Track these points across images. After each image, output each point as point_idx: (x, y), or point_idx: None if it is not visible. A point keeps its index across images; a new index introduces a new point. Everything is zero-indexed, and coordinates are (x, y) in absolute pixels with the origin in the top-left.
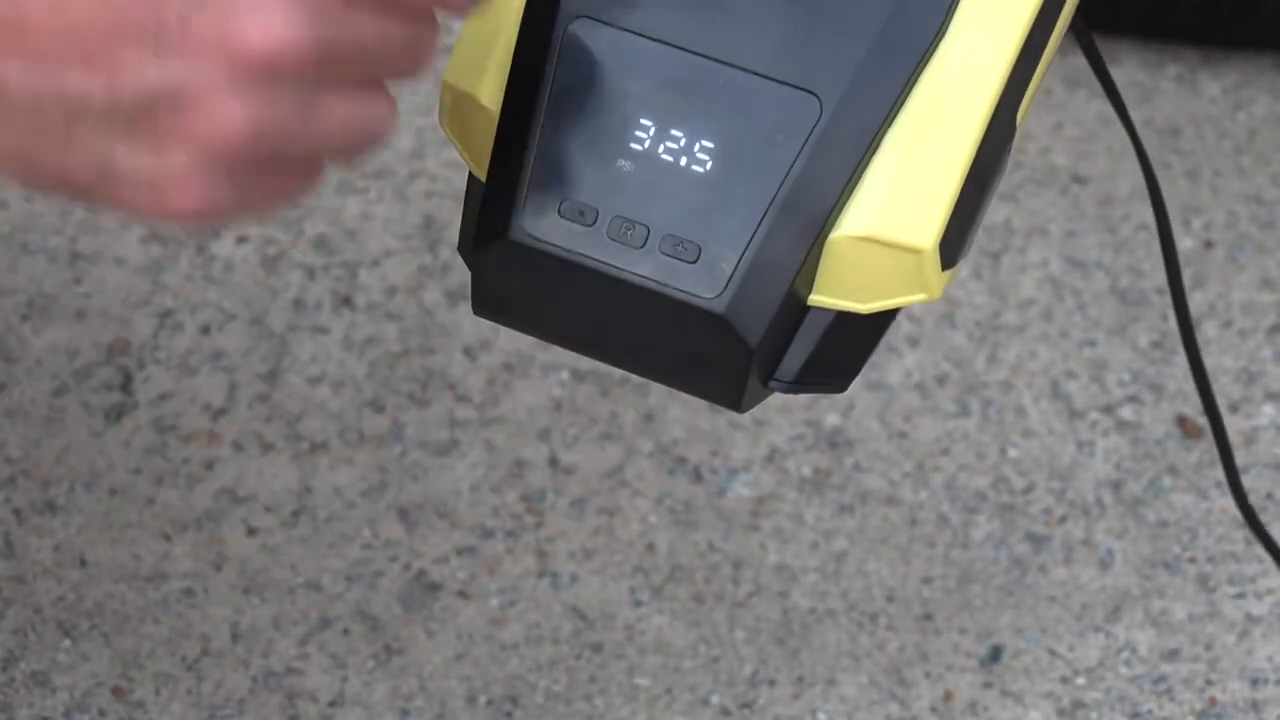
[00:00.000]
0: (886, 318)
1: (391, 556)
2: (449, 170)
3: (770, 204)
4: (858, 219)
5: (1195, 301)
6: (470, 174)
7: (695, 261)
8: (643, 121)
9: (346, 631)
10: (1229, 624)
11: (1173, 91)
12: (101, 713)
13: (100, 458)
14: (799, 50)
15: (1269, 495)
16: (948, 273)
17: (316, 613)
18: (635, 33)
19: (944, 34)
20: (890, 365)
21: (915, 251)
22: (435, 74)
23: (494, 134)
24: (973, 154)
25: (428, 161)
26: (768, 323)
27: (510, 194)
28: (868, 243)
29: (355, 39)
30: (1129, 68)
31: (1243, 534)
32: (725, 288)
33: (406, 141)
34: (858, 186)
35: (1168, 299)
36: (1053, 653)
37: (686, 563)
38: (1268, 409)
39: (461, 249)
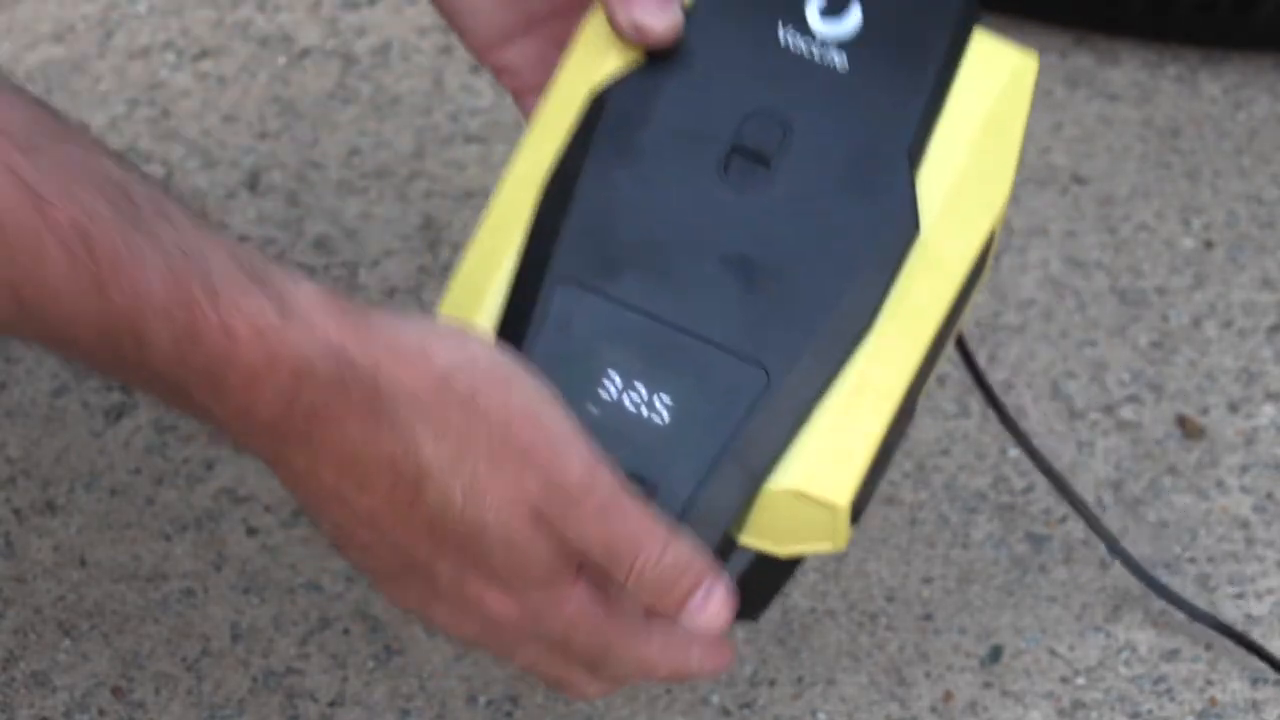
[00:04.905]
0: (795, 563)
1: None
2: (449, 170)
3: (717, 459)
4: (787, 475)
5: (1195, 301)
6: None
7: (648, 500)
8: (612, 375)
9: (346, 631)
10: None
11: (1173, 91)
12: (101, 713)
13: (100, 458)
14: (753, 328)
15: (1269, 495)
16: (852, 527)
17: (316, 613)
18: (615, 300)
19: (872, 327)
20: None
21: (832, 507)
22: (432, 74)
23: None
24: (886, 429)
25: (428, 161)
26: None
27: None
28: (794, 496)
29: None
30: (1129, 68)
31: (1243, 534)
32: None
33: (406, 142)
34: (788, 448)
35: (1168, 299)
36: (1053, 653)
37: None
38: (1268, 409)
39: None
